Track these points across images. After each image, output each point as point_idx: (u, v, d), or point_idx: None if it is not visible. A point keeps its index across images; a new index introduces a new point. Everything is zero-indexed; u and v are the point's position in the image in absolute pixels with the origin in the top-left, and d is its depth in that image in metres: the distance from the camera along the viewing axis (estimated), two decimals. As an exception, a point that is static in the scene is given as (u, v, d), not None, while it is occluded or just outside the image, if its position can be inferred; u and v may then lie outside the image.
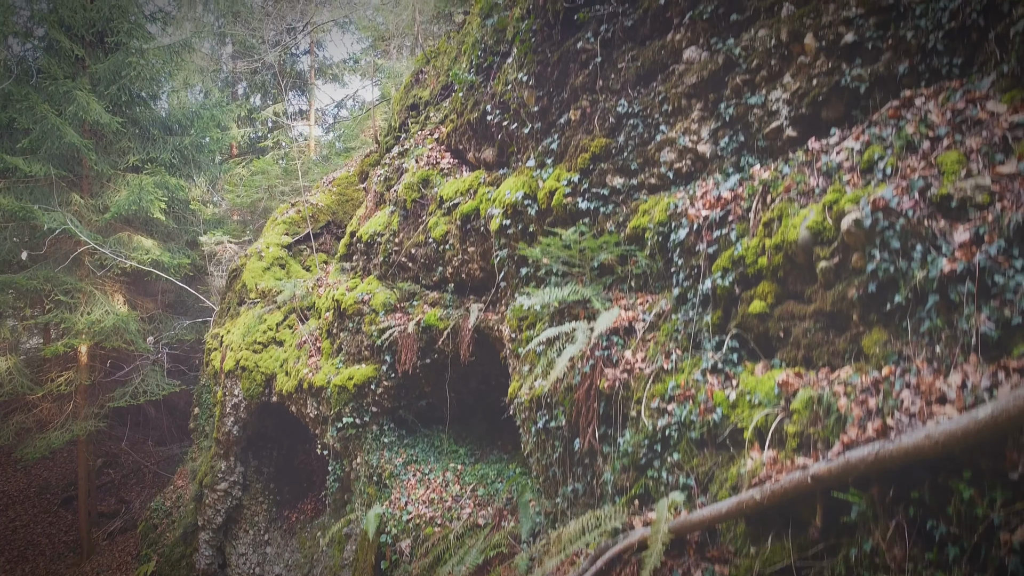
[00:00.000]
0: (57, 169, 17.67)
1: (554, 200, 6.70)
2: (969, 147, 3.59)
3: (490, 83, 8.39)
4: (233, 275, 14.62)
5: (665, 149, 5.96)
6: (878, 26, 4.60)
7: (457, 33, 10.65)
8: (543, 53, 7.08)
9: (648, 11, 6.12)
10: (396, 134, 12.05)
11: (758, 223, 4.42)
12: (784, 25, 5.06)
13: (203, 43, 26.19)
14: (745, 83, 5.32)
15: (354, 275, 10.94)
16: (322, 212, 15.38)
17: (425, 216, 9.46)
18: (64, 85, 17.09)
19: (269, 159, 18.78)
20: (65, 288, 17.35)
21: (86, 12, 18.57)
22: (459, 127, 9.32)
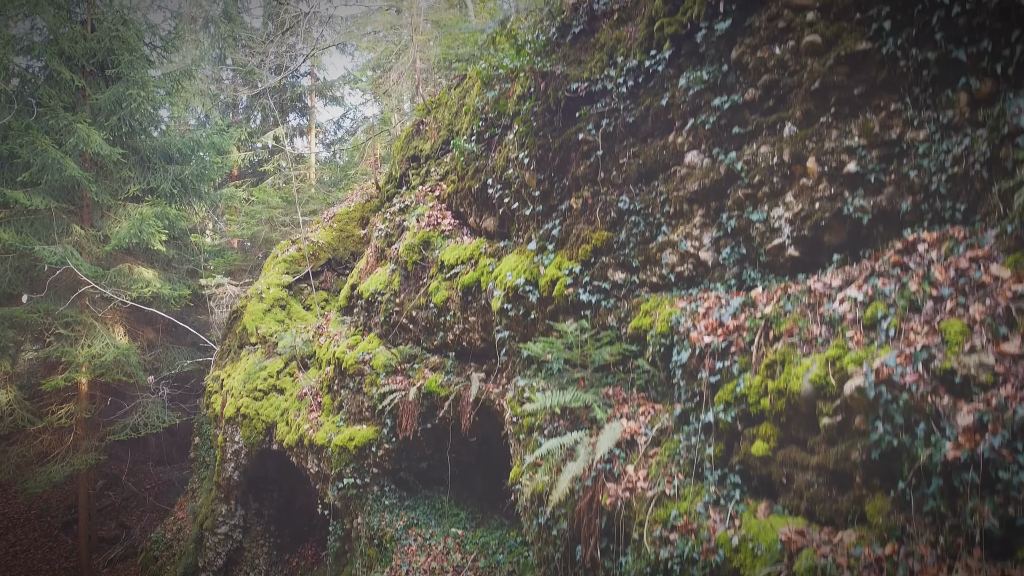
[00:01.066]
0: (58, 202, 17.67)
1: (555, 290, 6.69)
2: (973, 316, 3.58)
3: (491, 155, 8.38)
4: (234, 317, 14.61)
5: (667, 251, 5.95)
6: (881, 159, 4.59)
7: (458, 88, 10.64)
8: (544, 138, 7.07)
9: (650, 109, 6.11)
10: (397, 183, 12.04)
11: (761, 359, 4.42)
12: (786, 145, 5.05)
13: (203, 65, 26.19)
14: (747, 197, 5.32)
15: (355, 329, 10.94)
16: (323, 250, 15.38)
17: (426, 279, 9.46)
18: (64, 119, 17.08)
19: (270, 190, 18.76)
20: (65, 321, 17.34)
21: (86, 42, 18.57)
22: (460, 191, 9.31)
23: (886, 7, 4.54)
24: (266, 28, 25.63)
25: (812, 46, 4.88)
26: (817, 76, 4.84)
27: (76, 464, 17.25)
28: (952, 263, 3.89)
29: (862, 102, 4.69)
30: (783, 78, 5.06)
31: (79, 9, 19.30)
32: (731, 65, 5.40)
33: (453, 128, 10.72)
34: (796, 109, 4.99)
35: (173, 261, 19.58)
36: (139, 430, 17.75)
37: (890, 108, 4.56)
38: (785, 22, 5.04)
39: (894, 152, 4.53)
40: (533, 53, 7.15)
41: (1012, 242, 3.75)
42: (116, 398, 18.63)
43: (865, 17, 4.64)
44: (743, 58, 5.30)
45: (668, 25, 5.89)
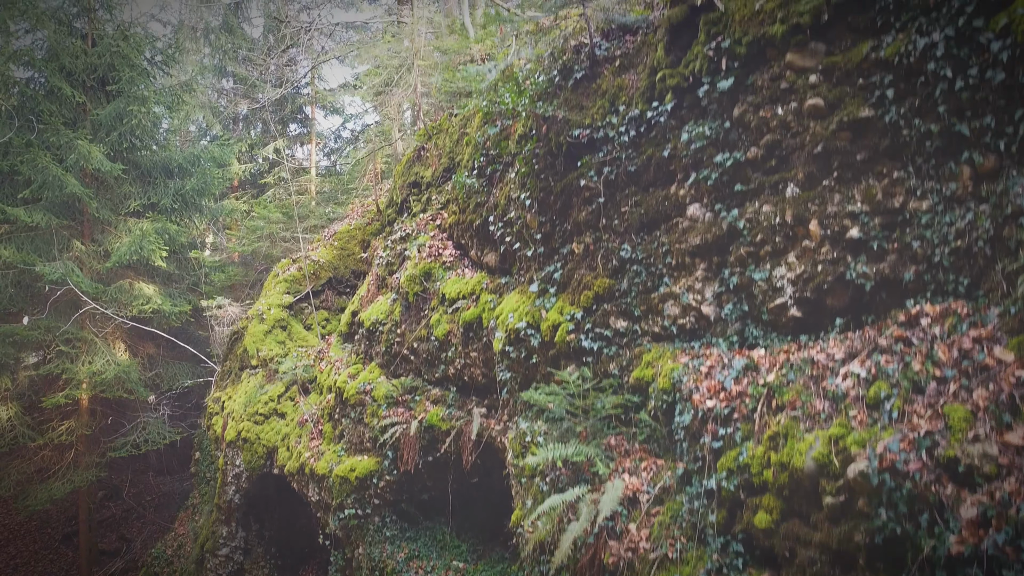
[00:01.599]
0: (59, 218, 17.67)
1: (557, 336, 6.69)
2: (976, 401, 3.58)
3: (493, 191, 8.38)
4: (235, 338, 14.61)
5: (669, 302, 5.95)
6: (883, 227, 4.59)
7: (459, 116, 10.63)
8: (546, 180, 7.07)
9: (652, 159, 6.10)
10: (398, 209, 12.03)
11: (764, 429, 4.41)
12: (788, 206, 5.05)
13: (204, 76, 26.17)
14: (749, 254, 5.31)
15: (356, 357, 10.93)
16: (323, 268, 15.37)
17: (427, 311, 9.45)
18: (65, 135, 17.07)
19: (271, 205, 18.76)
20: (66, 337, 17.34)
21: (87, 57, 18.57)
22: (462, 223, 9.30)
23: (888, 75, 4.53)
24: (266, 40, 25.63)
25: (815, 109, 4.88)
26: (820, 139, 4.83)
27: (77, 481, 17.25)
28: (955, 342, 3.89)
29: (865, 168, 4.69)
30: (785, 139, 5.06)
31: (79, 23, 19.30)
32: (733, 122, 5.39)
33: (454, 156, 10.71)
34: (798, 171, 4.99)
35: (174, 276, 19.58)
36: (140, 447, 17.76)
37: (893, 176, 4.56)
38: (788, 83, 5.03)
39: (897, 220, 4.53)
40: (534, 95, 7.15)
41: (1016, 324, 3.74)
42: (117, 414, 18.63)
43: (868, 83, 4.64)
44: (745, 116, 5.30)
45: (670, 77, 5.89)
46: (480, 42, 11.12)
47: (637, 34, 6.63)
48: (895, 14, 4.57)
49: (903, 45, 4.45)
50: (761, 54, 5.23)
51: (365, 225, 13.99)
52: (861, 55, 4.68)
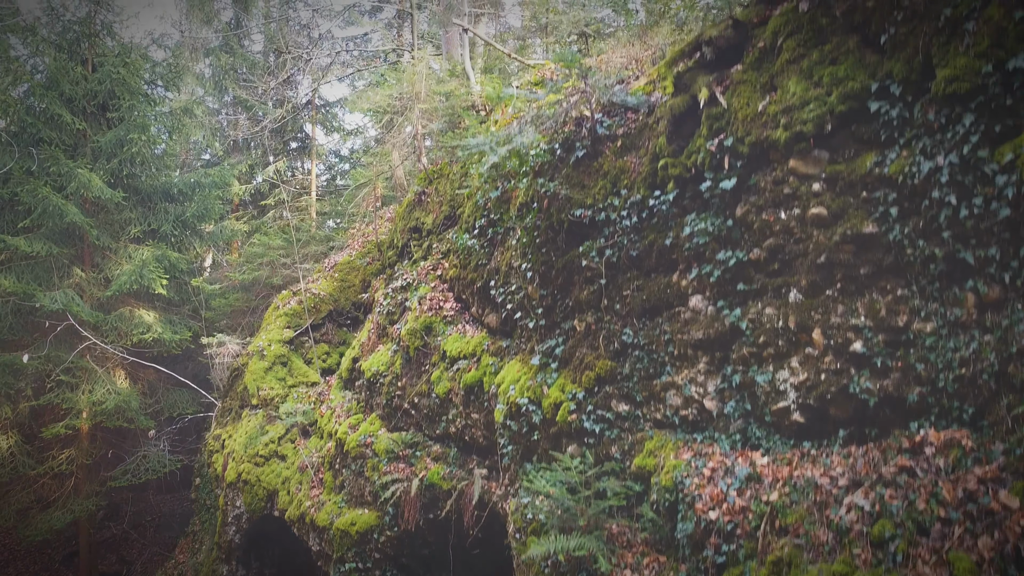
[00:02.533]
0: (59, 247, 17.65)
1: (559, 415, 6.67)
2: (981, 551, 3.56)
3: (494, 254, 8.36)
4: (235, 375, 14.59)
5: (671, 391, 5.93)
6: (887, 344, 4.57)
7: (460, 164, 10.60)
8: (547, 255, 7.05)
9: (654, 245, 6.08)
10: (398, 252, 12.01)
11: (767, 550, 4.39)
12: (792, 311, 5.02)
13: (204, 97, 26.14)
14: (752, 355, 5.29)
15: (356, 404, 10.92)
16: (324, 302, 15.34)
17: (428, 366, 9.43)
18: (66, 165, 17.06)
19: (271, 231, 18.74)
20: (66, 367, 17.33)
21: (87, 83, 18.54)
22: (463, 278, 9.28)
23: (892, 193, 4.51)
24: (266, 59, 25.62)
25: (818, 218, 4.85)
26: (823, 250, 4.81)
27: (77, 511, 17.26)
28: (960, 479, 3.87)
29: (868, 282, 4.66)
30: (788, 244, 5.04)
31: (80, 47, 19.25)
32: (736, 221, 5.37)
33: (455, 205, 10.68)
34: (801, 277, 4.97)
35: (174, 302, 19.56)
36: (140, 475, 17.76)
37: (897, 293, 4.53)
38: (791, 188, 5.01)
39: (900, 339, 4.51)
40: (535, 167, 7.12)
41: (1021, 466, 3.72)
42: (117, 443, 18.62)
43: (871, 198, 4.62)
44: (748, 216, 5.27)
45: (672, 166, 5.87)
46: (480, 84, 11.09)
47: (639, 112, 6.60)
48: (899, 129, 4.55)
49: (907, 164, 4.43)
50: (764, 156, 5.20)
51: (365, 265, 13.95)
52: (865, 168, 4.66)
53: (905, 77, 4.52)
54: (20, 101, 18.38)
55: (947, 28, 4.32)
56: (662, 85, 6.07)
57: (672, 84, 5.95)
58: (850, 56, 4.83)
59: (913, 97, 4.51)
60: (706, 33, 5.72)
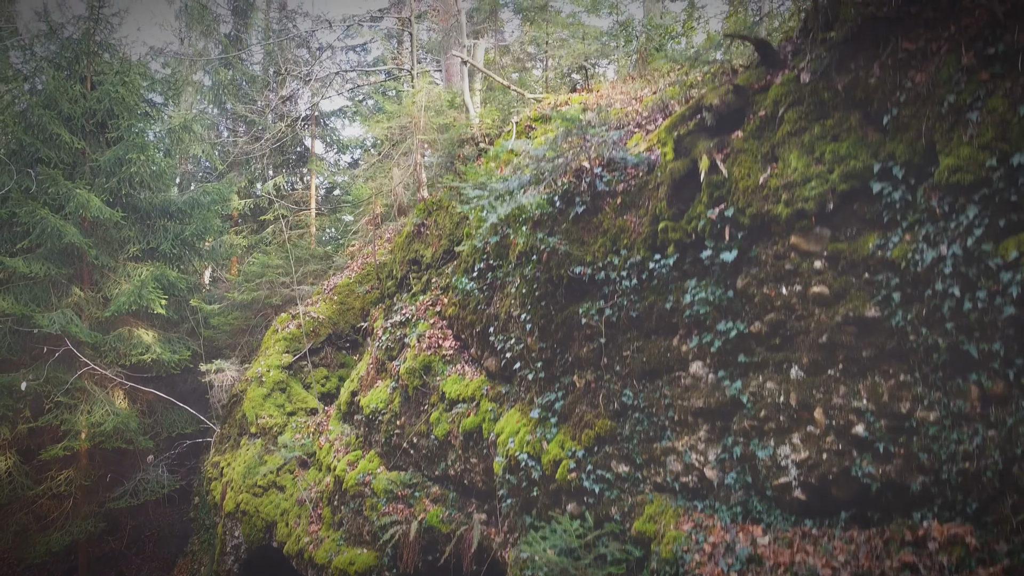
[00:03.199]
0: (58, 267, 17.61)
1: (559, 472, 6.63)
2: (985, 662, 3.52)
3: (493, 299, 8.31)
4: (234, 401, 14.56)
5: (671, 456, 5.89)
6: (889, 430, 4.52)
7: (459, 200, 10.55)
8: (547, 308, 7.00)
9: (654, 307, 6.04)
10: (397, 283, 11.97)
11: (767, 639, 4.35)
12: (793, 388, 4.98)
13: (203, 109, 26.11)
14: (753, 428, 5.25)
15: (355, 438, 10.88)
16: (323, 325, 15.31)
17: (427, 406, 9.39)
18: (64, 186, 17.02)
19: (269, 249, 18.70)
20: (65, 388, 17.28)
21: (86, 101, 18.49)
22: (461, 318, 9.23)
23: (895, 277, 4.47)
24: (266, 72, 25.58)
25: (820, 297, 4.81)
26: (825, 329, 4.77)
27: (75, 532, 17.23)
28: (963, 582, 3.83)
29: (871, 365, 4.62)
30: (790, 320, 5.00)
31: (79, 65, 19.19)
32: (737, 292, 5.33)
33: (454, 239, 10.64)
34: (803, 355, 4.92)
35: (173, 320, 19.51)
36: (139, 496, 17.72)
37: (900, 378, 4.49)
38: (792, 264, 4.97)
39: (903, 426, 4.46)
40: (535, 219, 7.08)
41: None
42: (116, 464, 18.58)
43: (873, 280, 4.57)
44: (749, 289, 5.23)
45: (672, 230, 5.82)
46: (480, 117, 11.05)
47: (639, 168, 6.55)
48: (901, 212, 4.51)
49: (910, 251, 4.38)
50: (765, 229, 5.16)
51: (364, 293, 13.91)
52: (867, 249, 4.61)
53: (908, 160, 4.48)
54: (18, 120, 18.33)
55: (950, 115, 4.28)
56: (663, 151, 6.02)
57: (672, 149, 5.90)
58: (852, 133, 4.78)
59: (916, 180, 4.47)
60: (707, 98, 5.67)
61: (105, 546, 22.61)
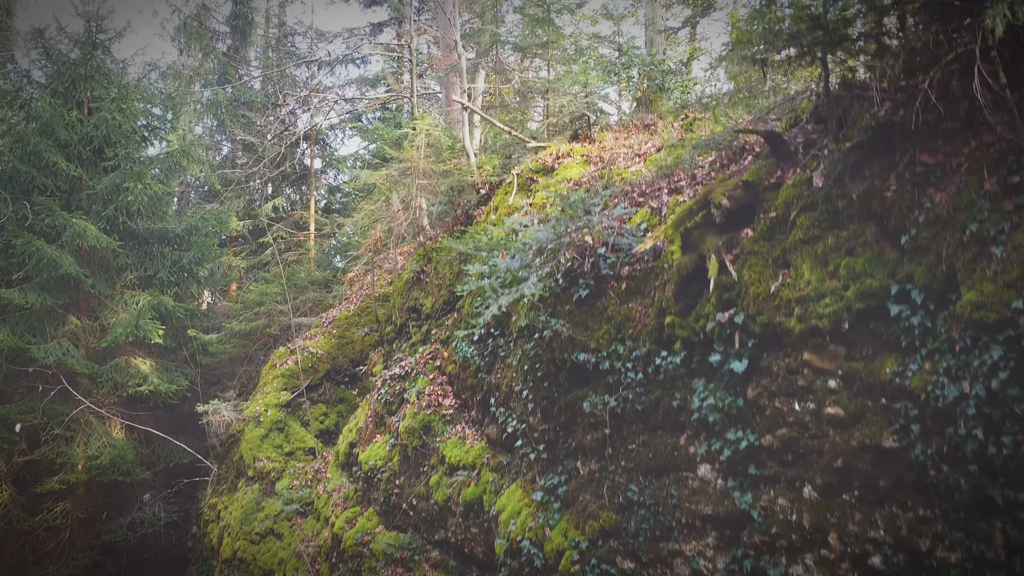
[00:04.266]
0: (54, 298, 17.42)
1: (562, 564, 6.45)
2: None
3: (494, 368, 8.13)
4: (231, 441, 14.40)
5: (678, 559, 5.71)
6: (909, 567, 4.34)
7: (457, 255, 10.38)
8: (549, 390, 6.83)
9: (660, 403, 5.86)
10: (396, 330, 11.80)
11: None
12: (806, 509, 4.80)
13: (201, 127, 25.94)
14: (764, 544, 5.07)
15: (354, 491, 10.70)
16: (321, 361, 15.14)
17: (427, 468, 9.22)
18: (60, 216, 16.85)
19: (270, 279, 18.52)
20: (61, 420, 17.12)
21: (83, 127, 18.32)
22: (462, 379, 9.06)
23: (914, 408, 4.28)
24: (265, 91, 25.41)
25: (834, 418, 4.63)
26: (840, 452, 4.59)
27: (72, 566, 17.07)
28: None
29: (888, 495, 4.44)
30: (803, 438, 4.82)
31: (76, 90, 18.99)
32: (747, 402, 5.15)
33: (454, 290, 10.45)
34: (817, 476, 4.74)
35: (171, 347, 19.32)
36: (136, 529, 17.57)
37: (919, 512, 4.31)
38: (805, 381, 4.78)
39: (923, 564, 4.28)
40: (536, 297, 6.90)
41: None
42: (113, 494, 18.39)
43: (891, 407, 4.39)
44: (760, 400, 5.05)
45: (679, 327, 5.64)
46: (480, 166, 10.87)
47: (644, 254, 6.37)
48: (920, 339, 4.32)
49: (930, 383, 4.20)
50: (777, 339, 4.98)
51: (363, 336, 13.74)
52: (884, 374, 4.43)
53: (927, 285, 4.30)
54: (13, 147, 18.13)
55: (972, 245, 4.10)
56: (670, 249, 5.83)
57: (679, 247, 5.72)
58: (868, 249, 4.60)
59: (936, 307, 4.29)
60: (715, 196, 5.48)
61: (103, 570, 22.43)
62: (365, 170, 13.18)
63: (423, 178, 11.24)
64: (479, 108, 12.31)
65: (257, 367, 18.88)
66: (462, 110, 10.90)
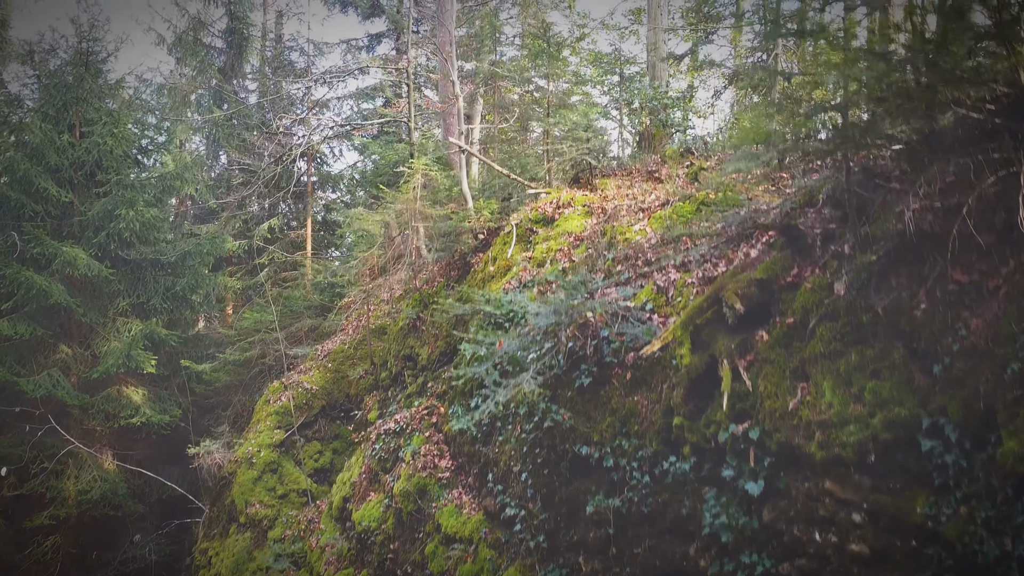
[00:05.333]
0: (43, 328, 17.04)
1: (562, 667, 6.10)
2: None
3: (492, 442, 7.77)
4: (223, 483, 14.04)
5: (687, 677, 5.35)
6: None
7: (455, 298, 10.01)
8: (549, 478, 6.47)
9: (668, 507, 5.49)
10: (392, 377, 11.45)
11: None
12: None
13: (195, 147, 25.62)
14: (780, 676, 4.70)
15: (347, 552, 10.35)
16: (316, 397, 14.78)
17: (422, 534, 8.86)
18: (50, 246, 16.49)
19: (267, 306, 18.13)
20: (51, 453, 16.76)
21: (74, 151, 17.95)
22: (459, 443, 8.71)
23: (949, 558, 3.92)
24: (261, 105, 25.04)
25: (859, 556, 4.27)
26: (865, 596, 4.23)
27: (62, 605, 16.71)
28: None
29: (919, 646, 4.08)
30: (825, 572, 4.45)
31: (67, 112, 18.60)
32: (763, 524, 4.78)
33: (451, 342, 10.09)
34: (840, 615, 4.38)
35: (163, 375, 18.96)
36: (127, 565, 17.21)
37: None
38: (827, 512, 4.42)
39: None
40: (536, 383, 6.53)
41: None
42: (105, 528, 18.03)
43: (923, 552, 4.03)
44: (777, 524, 4.69)
45: (689, 431, 5.28)
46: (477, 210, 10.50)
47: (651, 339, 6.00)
48: (955, 479, 3.96)
49: (967, 533, 3.83)
50: (795, 461, 4.62)
51: (359, 378, 13.37)
52: (915, 514, 4.07)
53: (963, 421, 3.94)
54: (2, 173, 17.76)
55: (1014, 386, 3.74)
56: (678, 353, 5.46)
57: (689, 350, 5.36)
58: (896, 373, 4.24)
59: (973, 447, 3.93)
60: (727, 293, 5.12)
61: (96, 596, 22.05)
62: (357, 211, 12.76)
63: (420, 221, 10.87)
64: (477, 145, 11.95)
65: (252, 395, 18.51)
66: (459, 152, 10.52)
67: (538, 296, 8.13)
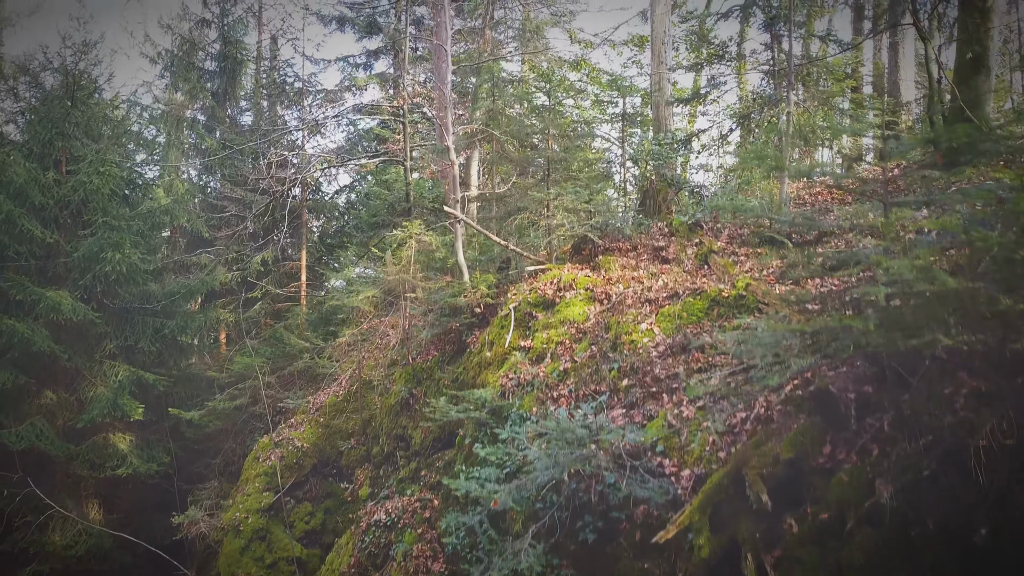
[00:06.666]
0: (26, 375, 16.49)
1: None
2: None
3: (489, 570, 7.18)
4: (208, 552, 13.49)
5: None
6: None
7: (449, 375, 9.45)
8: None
9: None
10: (383, 455, 10.90)
11: None
12: None
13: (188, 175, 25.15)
14: None
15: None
16: (307, 455, 14.25)
17: (413, 648, 8.29)
18: (33, 292, 15.94)
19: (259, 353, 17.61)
20: (33, 506, 16.22)
21: (60, 189, 17.38)
22: (457, 552, 8.13)
23: None
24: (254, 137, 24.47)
25: None
26: None
27: (48, 663, 16.18)
28: None
29: None
30: None
31: (53, 148, 18.02)
32: None
33: (445, 429, 9.51)
34: None
35: (151, 420, 18.41)
36: (116, 623, 16.67)
37: None
38: None
39: None
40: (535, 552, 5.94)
41: None
42: (93, 575, 17.48)
43: None
44: None
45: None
46: (473, 283, 9.92)
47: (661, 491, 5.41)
48: None
49: None
50: None
51: (349, 449, 12.80)
52: None
53: None
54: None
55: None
56: (697, 543, 4.86)
57: (708, 537, 4.76)
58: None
59: None
60: (749, 473, 4.52)
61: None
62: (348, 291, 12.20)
63: (413, 292, 10.30)
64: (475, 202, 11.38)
65: (242, 441, 18.00)
66: (454, 222, 9.93)
67: (537, 405, 7.56)
